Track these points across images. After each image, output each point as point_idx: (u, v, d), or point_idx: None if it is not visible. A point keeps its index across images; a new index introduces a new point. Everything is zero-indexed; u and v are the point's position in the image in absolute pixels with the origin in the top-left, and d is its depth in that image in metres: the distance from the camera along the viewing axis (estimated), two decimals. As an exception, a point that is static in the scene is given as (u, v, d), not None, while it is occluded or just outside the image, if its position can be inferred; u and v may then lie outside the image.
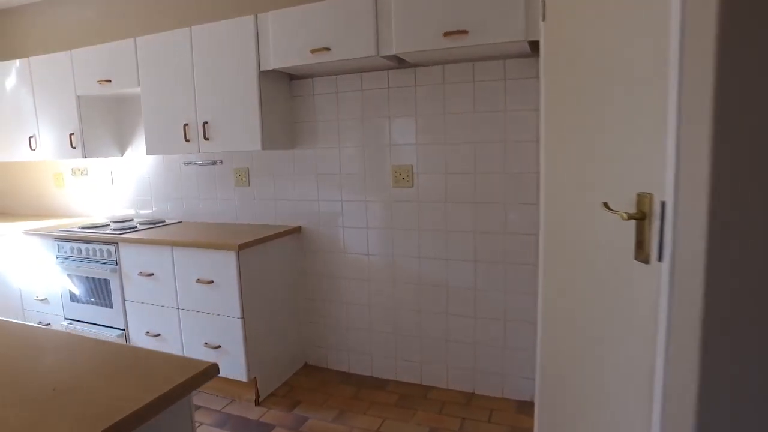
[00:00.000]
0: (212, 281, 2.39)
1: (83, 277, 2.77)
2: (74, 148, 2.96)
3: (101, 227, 2.88)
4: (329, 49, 2.19)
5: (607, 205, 1.08)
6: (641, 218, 0.99)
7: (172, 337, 2.56)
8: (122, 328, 2.70)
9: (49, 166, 3.61)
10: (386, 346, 2.66)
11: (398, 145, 2.48)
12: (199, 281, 2.42)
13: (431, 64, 2.34)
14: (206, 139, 2.54)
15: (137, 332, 2.66)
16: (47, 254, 2.88)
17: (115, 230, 2.76)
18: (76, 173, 3.49)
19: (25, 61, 3.07)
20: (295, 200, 2.78)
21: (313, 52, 2.22)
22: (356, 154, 2.58)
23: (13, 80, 3.14)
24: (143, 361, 1.01)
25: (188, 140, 2.59)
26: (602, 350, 1.23)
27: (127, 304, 2.67)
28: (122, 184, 3.31)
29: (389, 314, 2.63)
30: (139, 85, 2.68)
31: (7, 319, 3.20)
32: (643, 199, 0.99)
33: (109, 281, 2.68)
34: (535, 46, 1.98)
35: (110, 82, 2.76)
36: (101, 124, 3.08)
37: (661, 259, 0.92)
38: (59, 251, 2.83)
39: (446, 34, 1.97)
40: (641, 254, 1.00)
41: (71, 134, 2.95)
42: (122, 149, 3.23)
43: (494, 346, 2.43)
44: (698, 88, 0.80)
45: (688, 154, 0.84)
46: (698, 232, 0.82)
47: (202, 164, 3.00)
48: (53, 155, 3.08)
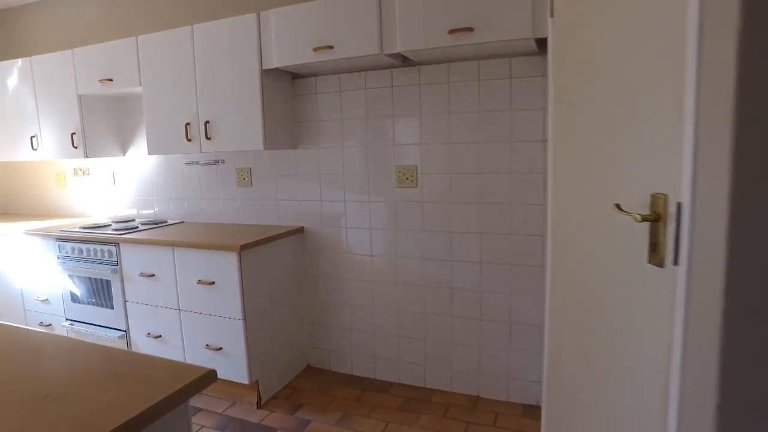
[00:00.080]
0: (213, 282, 2.36)
1: (84, 277, 2.74)
2: (76, 147, 2.94)
3: (102, 227, 2.86)
4: (332, 47, 2.16)
5: (619, 206, 1.04)
6: (655, 220, 0.95)
7: (173, 338, 2.54)
8: (123, 329, 2.68)
9: (51, 166, 3.60)
10: (390, 348, 2.63)
11: (402, 144, 2.45)
12: (200, 282, 2.39)
13: (436, 62, 2.31)
14: (208, 138, 2.52)
15: (138, 333, 2.64)
16: (48, 254, 2.86)
17: (116, 230, 2.73)
18: (77, 173, 3.47)
19: (26, 60, 3.05)
20: (297, 200, 2.75)
21: (315, 50, 2.19)
22: (359, 153, 2.55)
23: (14, 80, 3.13)
24: (140, 366, 0.98)
25: (190, 140, 2.56)
26: (613, 356, 1.19)
27: (128, 305, 2.64)
28: (124, 184, 3.29)
29: (393, 316, 2.60)
30: (140, 84, 2.66)
31: (4, 321, 3.19)
32: (657, 200, 0.95)
33: (110, 282, 2.66)
34: (541, 43, 1.94)
35: (112, 81, 2.74)
36: (103, 123, 3.06)
37: (677, 263, 0.88)
38: (60, 251, 2.81)
39: (451, 31, 1.93)
40: (655, 258, 0.96)
41: (73, 134, 2.93)
42: (124, 149, 3.21)
43: (499, 348, 2.39)
44: (719, 81, 0.76)
45: (706, 152, 0.80)
46: (718, 235, 0.78)
47: (204, 164, 2.97)
48: (55, 155, 3.06)
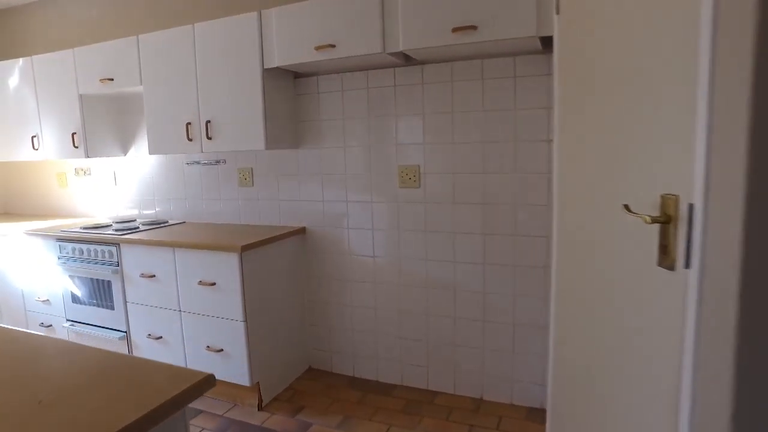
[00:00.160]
0: (214, 283, 2.34)
1: (85, 278, 2.73)
2: (76, 147, 2.93)
3: (103, 228, 2.84)
4: (334, 45, 2.14)
5: (628, 207, 1.02)
6: (666, 222, 0.92)
7: (173, 340, 2.52)
8: (124, 330, 2.66)
9: (52, 165, 3.59)
10: (392, 349, 2.60)
11: (405, 144, 2.42)
12: (201, 283, 2.37)
13: (439, 61, 2.28)
14: (209, 138, 2.50)
15: (139, 335, 2.62)
16: (49, 255, 2.85)
17: (117, 231, 2.72)
18: (79, 173, 3.46)
19: (28, 59, 3.04)
20: (299, 201, 2.73)
21: (317, 48, 2.17)
22: (362, 153, 2.53)
23: (16, 79, 3.12)
24: (136, 371, 0.95)
25: (191, 139, 2.54)
26: (621, 359, 1.17)
27: (128, 305, 2.62)
28: (125, 184, 3.27)
29: (395, 317, 2.57)
30: (141, 83, 2.64)
31: (5, 322, 3.18)
32: (667, 201, 0.92)
33: (110, 282, 2.64)
34: (546, 42, 1.91)
35: (112, 80, 2.72)
36: (104, 123, 3.04)
37: (688, 266, 0.85)
38: (61, 252, 2.79)
39: (454, 29, 1.91)
40: (666, 260, 0.93)
41: (73, 134, 2.92)
42: (125, 149, 3.19)
43: (503, 350, 2.36)
44: (734, 76, 0.73)
45: (720, 151, 0.77)
46: (732, 237, 0.75)
47: (205, 164, 2.95)
48: (55, 155, 3.05)
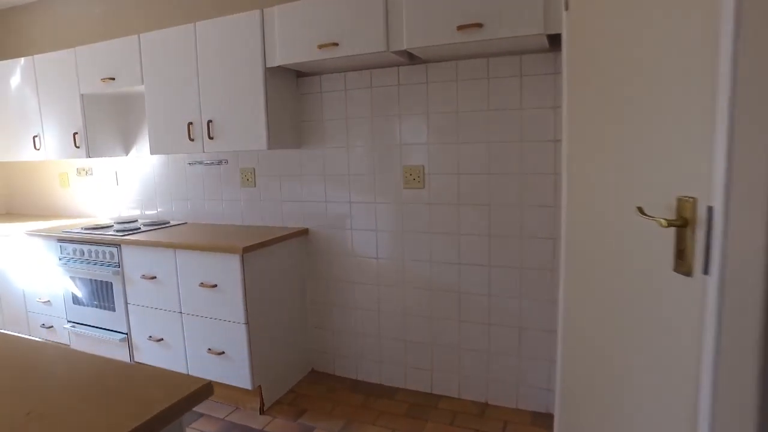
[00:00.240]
0: (216, 285, 2.31)
1: (86, 279, 2.70)
2: (78, 147, 2.91)
3: (105, 228, 2.82)
4: (337, 44, 2.11)
5: (642, 210, 0.98)
6: (682, 225, 0.88)
7: (174, 342, 2.49)
8: (125, 332, 2.63)
9: (54, 165, 3.57)
10: (396, 352, 2.57)
11: (409, 144, 2.39)
12: (202, 285, 2.34)
13: (443, 59, 2.24)
14: (211, 138, 2.47)
15: (140, 336, 2.60)
16: (50, 255, 2.83)
17: (118, 231, 2.69)
18: (80, 173, 3.44)
19: (29, 59, 3.02)
20: (302, 201, 2.69)
21: (320, 47, 2.14)
22: (365, 153, 2.49)
23: (17, 79, 3.10)
24: (131, 379, 0.92)
25: (192, 139, 2.51)
26: (633, 366, 1.13)
27: (129, 307, 2.60)
28: (127, 184, 3.25)
29: (399, 320, 2.54)
30: (142, 82, 2.61)
31: (6, 323, 3.15)
32: (684, 203, 0.88)
33: (111, 284, 2.62)
34: (553, 40, 1.88)
35: (114, 80, 2.70)
36: (105, 123, 3.02)
37: (707, 272, 0.81)
38: (62, 253, 2.77)
39: (460, 27, 1.87)
40: (682, 266, 0.89)
41: (75, 133, 2.90)
42: (127, 149, 3.17)
43: (508, 354, 2.32)
44: (757, 74, 0.69)
45: (742, 151, 0.73)
46: (755, 242, 0.71)
47: (207, 164, 2.92)
48: (57, 155, 3.03)
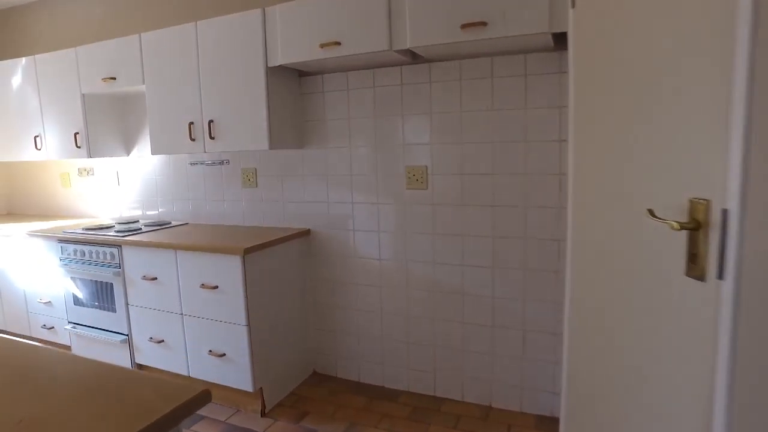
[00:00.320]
0: (217, 286, 2.29)
1: (87, 280, 2.69)
2: (79, 147, 2.89)
3: (106, 229, 2.81)
4: (339, 43, 2.08)
5: (652, 212, 0.95)
6: (695, 228, 0.86)
7: (175, 344, 2.47)
8: (125, 333, 2.62)
9: (55, 165, 3.56)
10: (398, 355, 2.54)
11: (412, 144, 2.36)
12: (203, 286, 2.32)
13: (447, 59, 2.22)
14: (212, 138, 2.45)
15: (140, 338, 2.58)
16: (51, 256, 2.81)
17: (119, 232, 2.67)
18: (82, 173, 3.43)
19: (30, 59, 3.01)
20: (304, 202, 2.67)
21: (322, 46, 2.11)
22: (368, 154, 2.47)
23: (18, 79, 3.09)
24: (127, 386, 0.90)
25: (193, 139, 2.49)
26: (642, 372, 1.10)
27: (130, 308, 2.58)
28: (128, 184, 3.23)
29: (402, 322, 2.51)
30: (143, 82, 2.59)
31: (8, 324, 3.13)
32: (697, 206, 0.86)
33: (112, 285, 2.60)
34: (558, 39, 1.85)
35: (115, 79, 2.68)
36: (106, 123, 3.01)
37: (722, 276, 0.79)
38: (63, 253, 2.76)
39: (463, 26, 1.84)
40: (695, 270, 0.87)
41: (76, 133, 2.88)
42: (128, 149, 3.15)
43: (512, 357, 2.29)
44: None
45: (759, 151, 0.70)
46: (773, 246, 0.69)
47: (209, 164, 2.90)
48: (58, 155, 3.01)
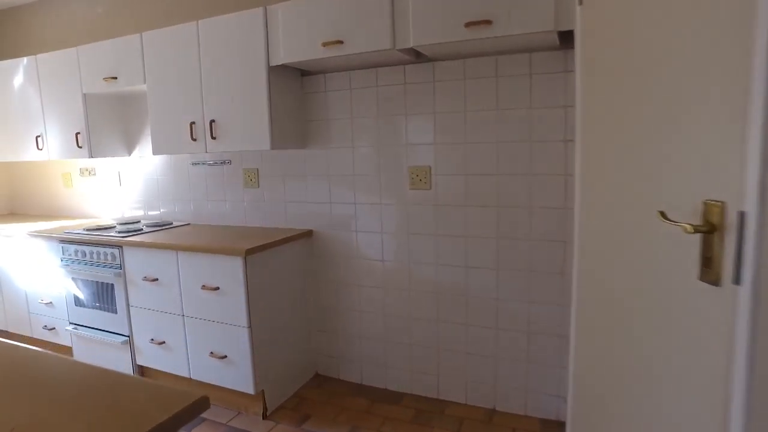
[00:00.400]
0: (218, 288, 2.27)
1: (88, 280, 2.67)
2: (80, 147, 2.88)
3: (107, 229, 2.79)
4: (342, 42, 2.06)
5: (664, 214, 0.92)
6: (709, 231, 0.83)
7: (176, 345, 2.45)
8: (126, 334, 2.60)
9: (57, 165, 3.54)
10: (401, 357, 2.52)
11: (415, 144, 2.34)
12: (204, 288, 2.30)
13: (451, 58, 2.19)
14: (213, 138, 2.43)
15: (141, 339, 2.56)
16: (52, 257, 2.80)
17: (120, 233, 2.66)
18: (84, 173, 3.41)
19: (32, 59, 2.99)
20: (306, 202, 2.65)
21: (324, 45, 2.09)
22: (371, 154, 2.44)
23: (20, 78, 3.07)
24: (123, 392, 0.88)
25: (195, 139, 2.47)
26: (653, 379, 1.07)
27: (131, 309, 2.56)
28: (130, 184, 3.22)
29: (405, 323, 2.49)
30: (144, 82, 2.58)
31: (9, 324, 3.12)
32: (711, 208, 0.83)
33: (113, 286, 2.59)
34: (564, 37, 1.82)
35: (116, 79, 2.66)
36: (108, 123, 2.99)
37: (738, 281, 0.76)
38: (64, 254, 2.74)
39: (468, 24, 1.82)
40: (709, 274, 0.84)
41: (77, 133, 2.87)
42: (129, 149, 3.14)
43: (517, 359, 2.26)
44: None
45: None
46: (794, 251, 0.66)
47: (210, 164, 2.88)
48: (59, 155, 3.00)
